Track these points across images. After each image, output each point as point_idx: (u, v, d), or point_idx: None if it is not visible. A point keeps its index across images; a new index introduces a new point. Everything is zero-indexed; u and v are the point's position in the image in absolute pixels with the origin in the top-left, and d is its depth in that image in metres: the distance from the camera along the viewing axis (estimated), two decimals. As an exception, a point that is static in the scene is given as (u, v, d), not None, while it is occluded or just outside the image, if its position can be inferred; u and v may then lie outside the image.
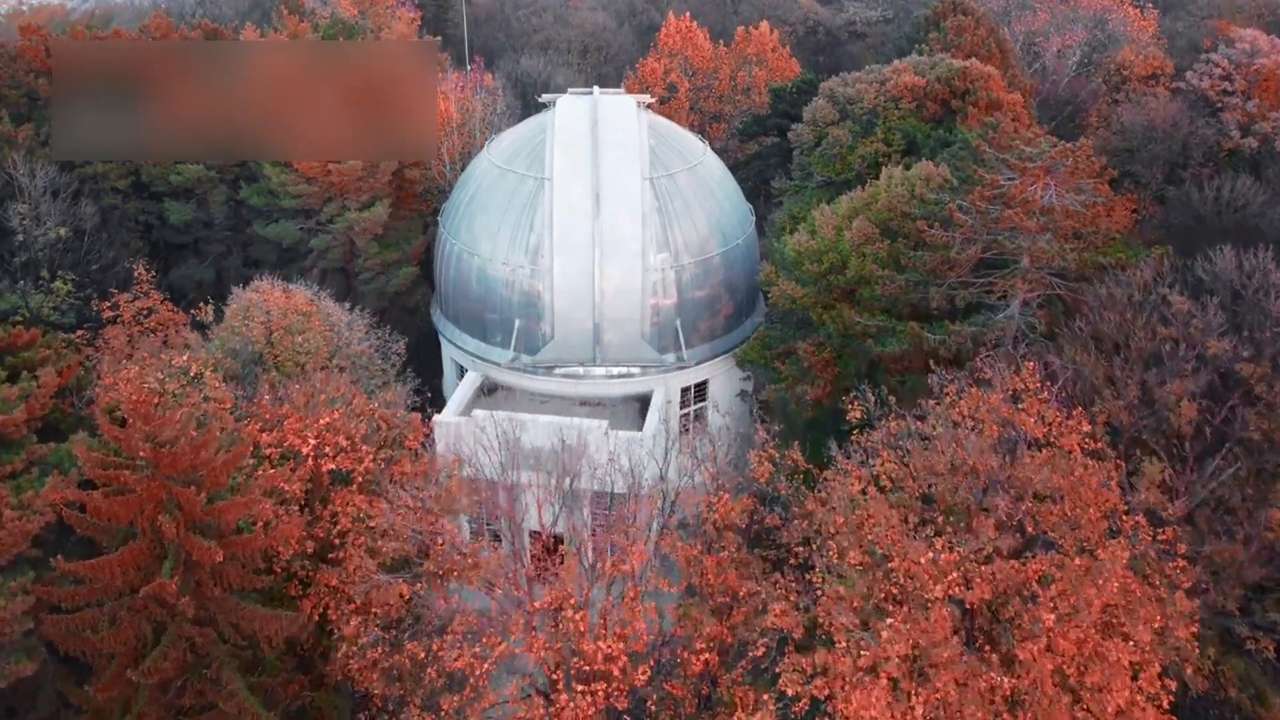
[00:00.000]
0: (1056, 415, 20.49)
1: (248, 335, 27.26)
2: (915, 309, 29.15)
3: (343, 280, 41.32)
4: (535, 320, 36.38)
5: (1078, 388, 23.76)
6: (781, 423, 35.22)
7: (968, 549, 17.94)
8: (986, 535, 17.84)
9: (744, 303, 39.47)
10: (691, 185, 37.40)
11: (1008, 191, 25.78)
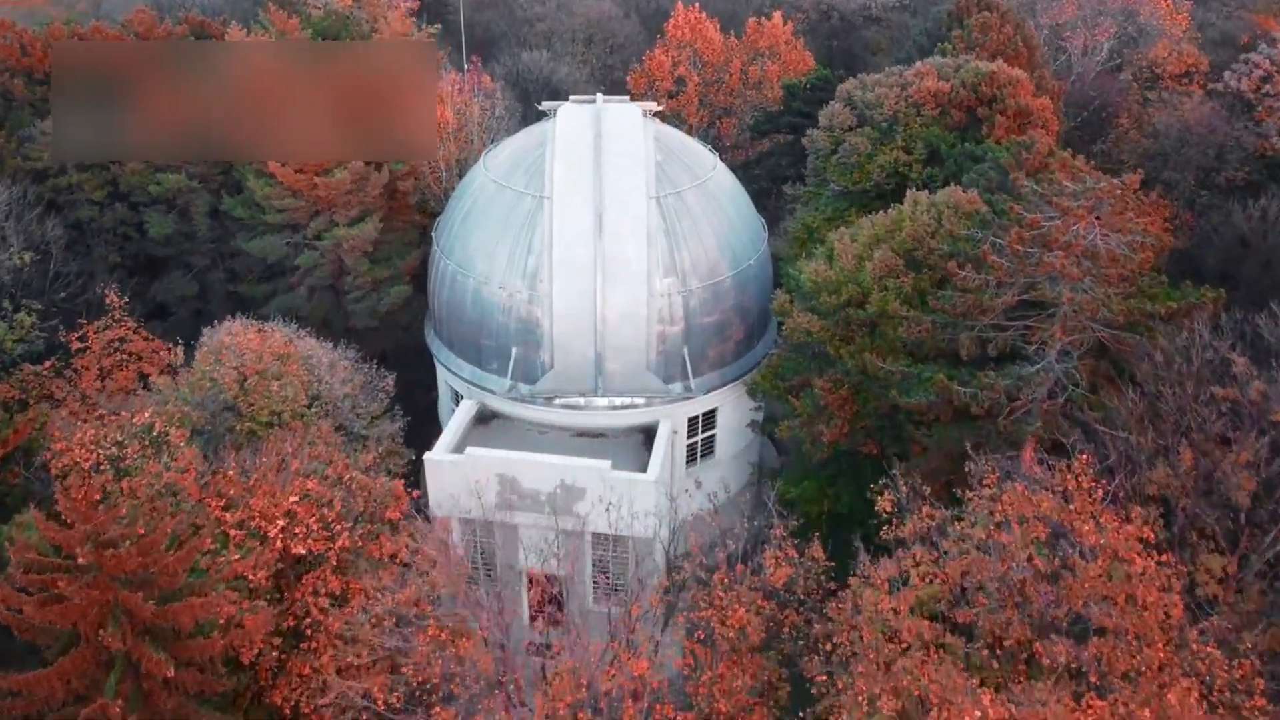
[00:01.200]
0: (1113, 519, 18.32)
1: (219, 381, 25.19)
2: (943, 353, 26.91)
3: (332, 297, 39.20)
4: (533, 348, 34.22)
5: (1126, 457, 21.60)
6: (795, 461, 33.27)
7: (1023, 711, 15.86)
8: (1042, 693, 15.73)
9: (756, 326, 37.25)
10: (700, 203, 35.07)
11: (1048, 233, 23.44)
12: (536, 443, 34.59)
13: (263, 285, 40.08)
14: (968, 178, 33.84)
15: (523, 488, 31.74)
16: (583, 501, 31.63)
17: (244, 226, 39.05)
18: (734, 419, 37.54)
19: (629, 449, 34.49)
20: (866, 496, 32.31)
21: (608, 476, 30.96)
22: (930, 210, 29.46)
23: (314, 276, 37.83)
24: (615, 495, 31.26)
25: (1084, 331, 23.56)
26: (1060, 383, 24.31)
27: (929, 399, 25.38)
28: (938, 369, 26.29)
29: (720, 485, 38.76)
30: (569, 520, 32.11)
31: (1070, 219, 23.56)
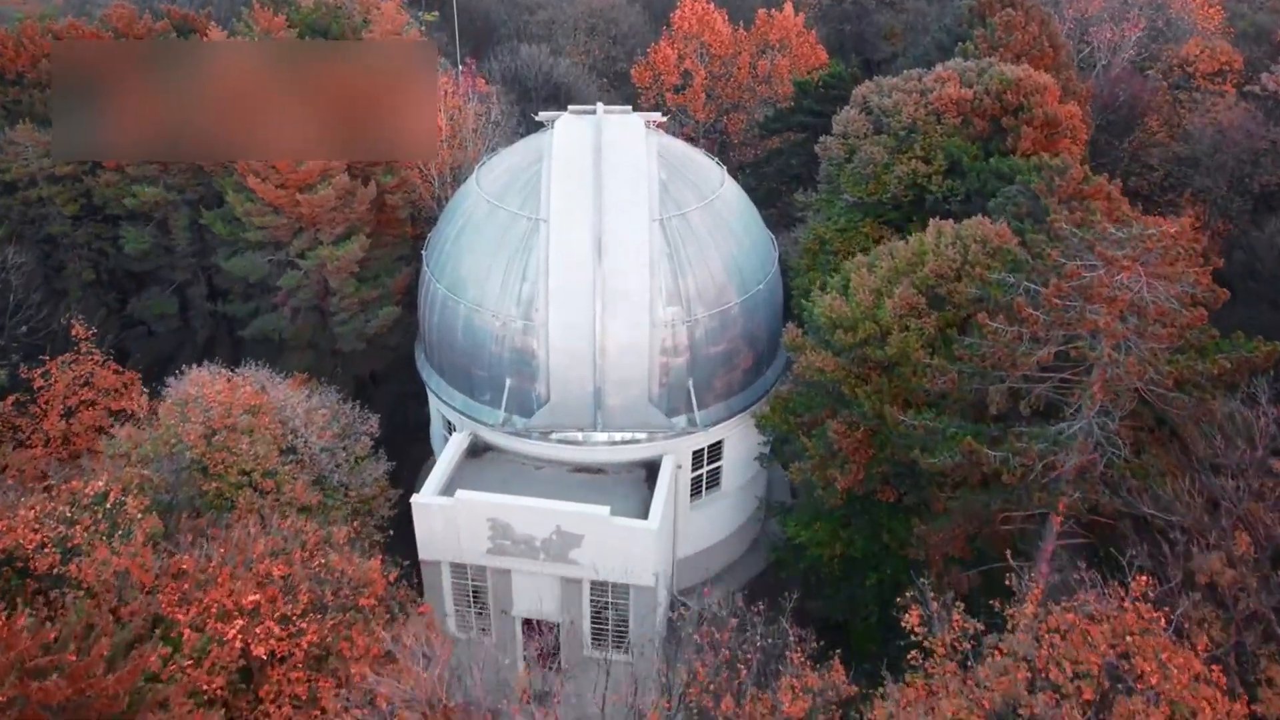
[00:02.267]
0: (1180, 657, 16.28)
1: (184, 437, 23.20)
2: (969, 405, 24.79)
3: (317, 318, 37.14)
4: (529, 380, 32.18)
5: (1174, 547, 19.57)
6: (805, 499, 31.27)
7: None
8: None
9: (765, 352, 35.14)
10: (707, 224, 32.84)
11: (1089, 284, 21.24)
12: (532, 478, 32.68)
13: (245, 303, 38.03)
14: (995, 202, 31.56)
15: (516, 533, 29.85)
16: (580, 549, 29.75)
17: (224, 242, 36.91)
18: (741, 450, 35.54)
19: (630, 486, 32.53)
20: (883, 540, 30.62)
21: (607, 524, 29.01)
22: (955, 244, 27.22)
23: (297, 298, 35.75)
24: (615, 543, 29.40)
25: (1127, 391, 21.40)
26: (1100, 445, 22.21)
27: (954, 460, 23.29)
28: (963, 425, 24.18)
29: (727, 518, 36.97)
30: (565, 568, 30.28)
31: (1114, 268, 21.34)
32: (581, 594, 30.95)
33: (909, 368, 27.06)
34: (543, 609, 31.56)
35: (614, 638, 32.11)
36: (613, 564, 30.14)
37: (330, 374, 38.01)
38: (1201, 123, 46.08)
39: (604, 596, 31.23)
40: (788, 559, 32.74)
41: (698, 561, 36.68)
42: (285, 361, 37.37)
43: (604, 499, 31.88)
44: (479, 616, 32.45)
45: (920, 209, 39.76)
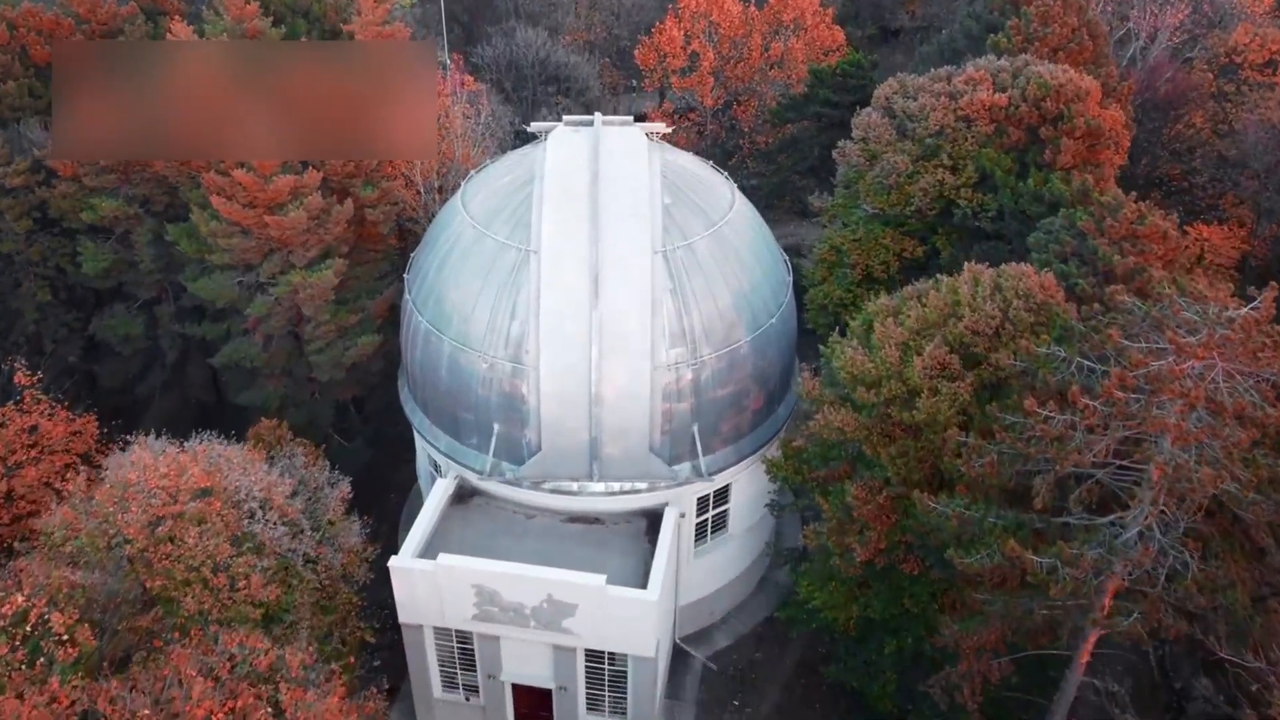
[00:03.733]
0: None
1: (123, 529, 20.59)
2: (1010, 493, 22.02)
3: (292, 343, 34.33)
4: (518, 426, 29.44)
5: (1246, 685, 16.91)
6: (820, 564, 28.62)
7: None
8: None
9: (778, 388, 32.31)
10: (714, 254, 29.81)
11: (1158, 374, 18.34)
12: (523, 529, 30.13)
13: (216, 324, 35.20)
14: (1035, 237, 28.48)
15: (504, 600, 27.34)
16: (574, 618, 27.25)
17: (191, 260, 33.97)
18: (750, 492, 32.90)
19: (629, 540, 29.96)
20: (904, 604, 28.06)
21: (602, 594, 26.46)
22: (995, 297, 24.21)
23: (268, 325, 32.91)
24: (612, 613, 26.90)
25: (1197, 501, 18.61)
26: (1163, 551, 19.44)
27: (993, 561, 20.58)
28: (1003, 515, 21.42)
29: (733, 561, 34.47)
30: (559, 636, 27.83)
31: (1186, 356, 18.41)
32: (576, 661, 28.54)
33: (938, 435, 24.29)
34: (534, 675, 29.20)
35: (611, 705, 29.78)
36: (610, 634, 27.72)
37: (308, 401, 35.39)
38: (1250, 119, 42.56)
39: (601, 663, 28.83)
40: (799, 618, 30.24)
41: (702, 606, 34.27)
42: (259, 388, 34.76)
43: (601, 553, 29.42)
44: (466, 679, 30.10)
45: (947, 222, 36.70)
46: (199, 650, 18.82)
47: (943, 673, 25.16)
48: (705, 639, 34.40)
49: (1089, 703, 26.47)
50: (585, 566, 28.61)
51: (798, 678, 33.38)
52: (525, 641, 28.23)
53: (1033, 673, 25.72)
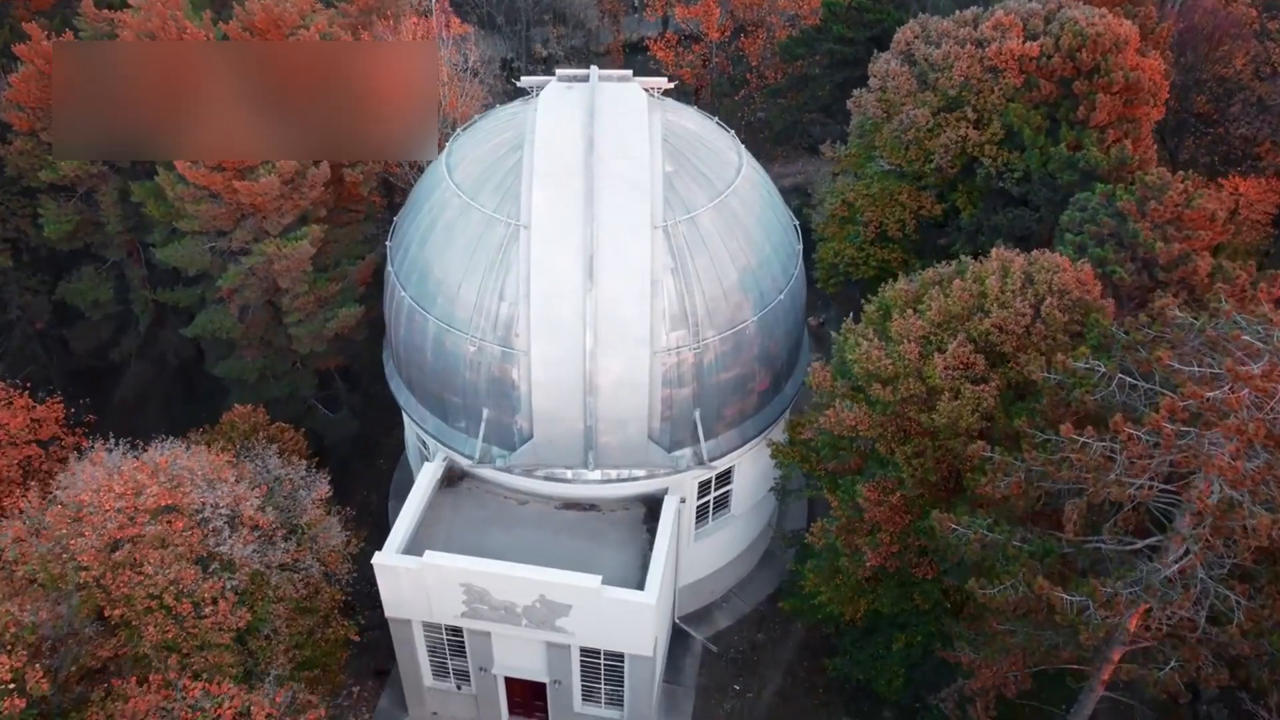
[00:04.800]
0: None
1: (76, 555, 18.99)
2: (1039, 514, 20.35)
3: (270, 314, 32.32)
4: (509, 413, 27.69)
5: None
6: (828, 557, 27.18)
7: None
8: None
9: (784, 368, 30.43)
10: (719, 227, 27.58)
11: (1214, 405, 16.46)
12: (515, 516, 28.69)
13: (189, 290, 33.14)
14: (1069, 215, 26.18)
15: (494, 599, 26.02)
16: (568, 618, 25.96)
17: (159, 223, 31.72)
18: (754, 473, 31.35)
19: (627, 529, 28.52)
20: (914, 600, 26.75)
21: (597, 595, 25.09)
22: (1025, 293, 22.12)
23: (243, 296, 30.86)
24: (607, 613, 25.60)
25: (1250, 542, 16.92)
26: (1204, 591, 17.85)
27: (1017, 594, 19.02)
28: (1029, 539, 19.80)
29: (736, 539, 33.13)
30: (552, 634, 26.60)
31: (1244, 384, 16.51)
32: (570, 657, 27.38)
33: (959, 441, 22.54)
34: (527, 669, 28.09)
35: (608, 697, 28.76)
36: (605, 633, 26.49)
37: (289, 371, 33.58)
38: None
39: (597, 658, 27.68)
40: (802, 609, 29.00)
41: (703, 586, 33.07)
42: (237, 359, 32.92)
43: (596, 545, 28.02)
44: (457, 668, 29.03)
45: (968, 179, 34.27)
46: (159, 696, 17.43)
47: (955, 685, 23.94)
48: (706, 618, 33.29)
49: (1108, 712, 25.34)
50: (580, 559, 27.27)
51: (800, 660, 32.36)
52: (518, 638, 27.03)
53: (1050, 683, 24.50)
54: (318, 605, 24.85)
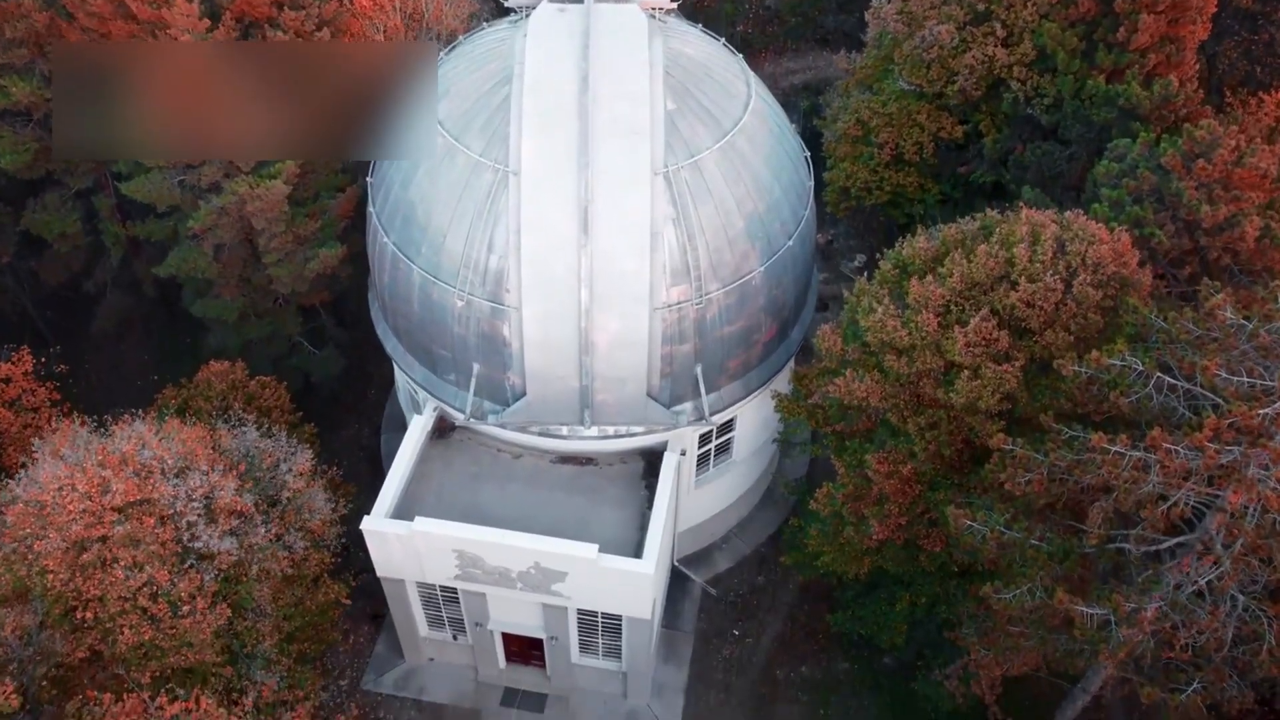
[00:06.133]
0: None
1: (42, 559, 17.93)
2: (1057, 508, 19.20)
3: (247, 252, 30.49)
4: (500, 369, 26.29)
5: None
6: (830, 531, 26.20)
7: None
8: None
9: (791, 315, 28.84)
10: (725, 170, 25.50)
11: (1263, 425, 15.07)
12: (509, 471, 27.70)
13: (161, 223, 31.20)
14: (1104, 166, 24.05)
15: (488, 565, 25.25)
16: (563, 584, 25.26)
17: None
18: (757, 419, 30.20)
19: (625, 485, 27.56)
20: (919, 562, 25.97)
21: (594, 563, 24.29)
22: (1056, 264, 20.34)
23: (216, 235, 28.97)
24: (604, 580, 24.88)
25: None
26: (1232, 608, 16.86)
27: (1034, 600, 18.05)
28: (1049, 539, 18.73)
29: (738, 482, 32.28)
30: (548, 598, 25.96)
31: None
32: (567, 616, 26.86)
33: (976, 418, 21.22)
34: (523, 625, 27.63)
35: (605, 650, 28.42)
36: (603, 598, 25.85)
37: (271, 309, 32.01)
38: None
39: (594, 617, 27.17)
40: (803, 564, 28.31)
41: (703, 530, 32.42)
42: (215, 299, 31.29)
43: (593, 502, 27.11)
44: (452, 619, 28.60)
45: (993, 101, 31.82)
46: (133, 717, 16.69)
47: (960, 662, 23.38)
48: (705, 560, 32.75)
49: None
50: (576, 518, 26.43)
51: (801, 605, 31.97)
52: (514, 598, 26.42)
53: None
54: (305, 572, 24.05)
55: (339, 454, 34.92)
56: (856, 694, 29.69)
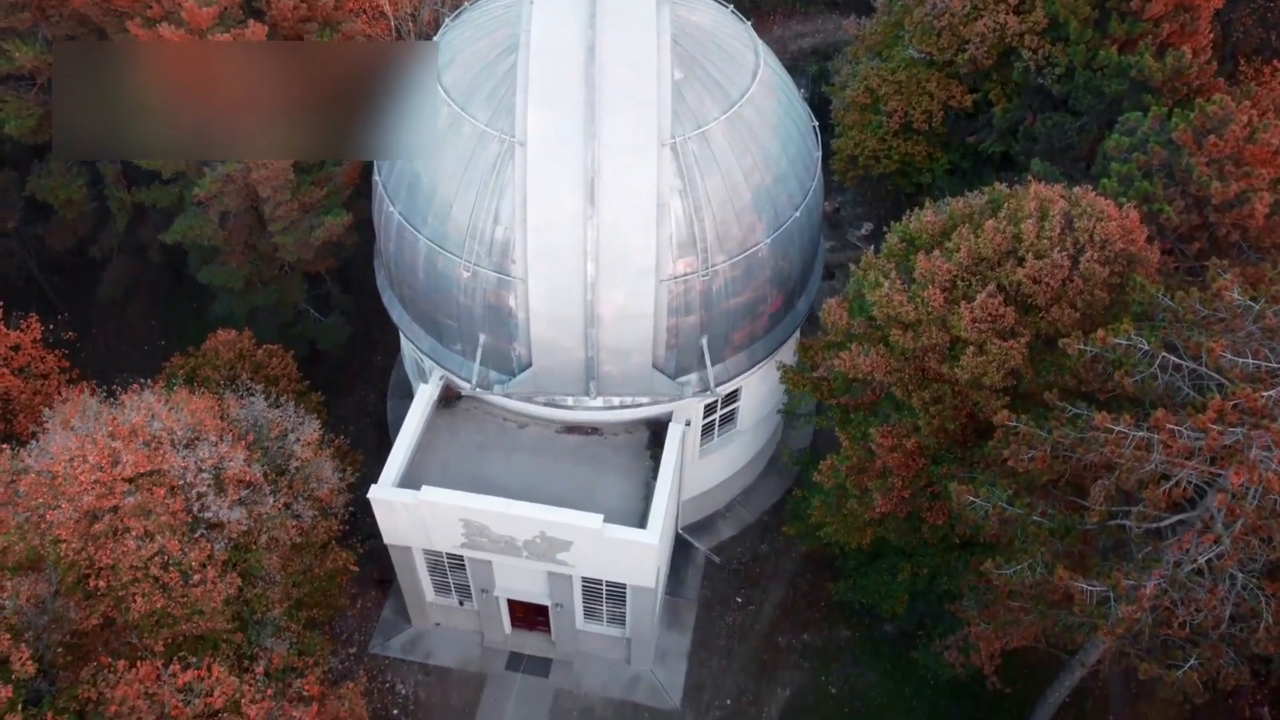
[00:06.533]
0: None
1: (55, 529, 18.15)
2: (1059, 484, 19.33)
3: (254, 217, 30.46)
4: (506, 340, 26.36)
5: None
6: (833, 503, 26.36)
7: None
8: None
9: (798, 285, 28.80)
10: (733, 143, 25.35)
11: (1266, 406, 15.13)
12: (514, 440, 27.89)
13: (166, 189, 31.15)
14: (1114, 140, 23.85)
15: (494, 534, 25.52)
16: (569, 553, 25.54)
17: (128, 120, 29.37)
18: (762, 389, 30.30)
19: (631, 454, 27.75)
20: (921, 534, 26.20)
21: (598, 533, 24.53)
22: (1063, 241, 20.27)
23: (222, 203, 28.92)
24: (609, 550, 25.15)
25: None
26: (1231, 583, 17.04)
27: (1034, 576, 18.25)
28: (1051, 515, 18.89)
29: (742, 451, 32.46)
30: (553, 566, 26.27)
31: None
32: (572, 584, 27.18)
33: (981, 394, 21.30)
34: (529, 592, 27.98)
35: (609, 617, 28.79)
36: (607, 567, 26.15)
37: (277, 277, 32.04)
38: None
39: (599, 585, 27.50)
40: (806, 534, 28.57)
41: (707, 498, 32.68)
42: (221, 265, 31.32)
43: (598, 472, 27.31)
44: (459, 585, 28.97)
45: (1004, 70, 31.53)
46: (145, 684, 16.99)
47: (960, 633, 23.66)
48: (709, 528, 33.06)
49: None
50: (581, 487, 26.66)
51: (803, 573, 32.30)
52: (519, 566, 26.73)
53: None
54: (314, 540, 24.34)
55: (345, 420, 35.19)
56: (857, 661, 30.09)
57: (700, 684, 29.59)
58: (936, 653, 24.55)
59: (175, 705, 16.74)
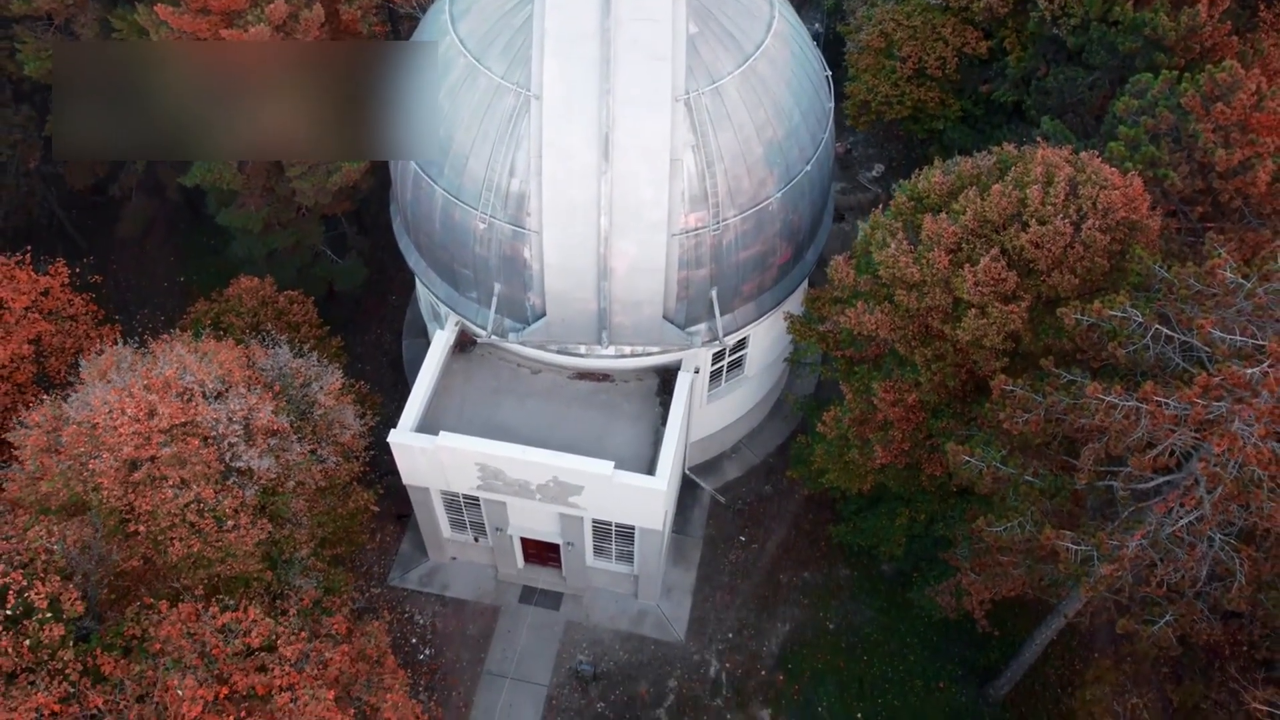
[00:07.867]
0: None
1: (97, 477, 19.14)
2: (1052, 448, 20.16)
3: (271, 162, 30.86)
4: (521, 289, 27.02)
5: None
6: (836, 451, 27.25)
7: None
8: None
9: (807, 238, 29.27)
10: (746, 98, 25.58)
11: (1250, 381, 15.84)
12: (528, 386, 28.78)
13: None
14: (1122, 102, 24.01)
15: (508, 478, 26.58)
16: (580, 497, 26.63)
17: (146, 64, 29.61)
18: (769, 337, 31.04)
19: (641, 401, 28.64)
20: (920, 482, 27.17)
21: (609, 480, 25.56)
22: (1066, 208, 20.71)
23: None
24: (619, 495, 26.21)
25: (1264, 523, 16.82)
26: (1209, 544, 17.97)
27: (1023, 534, 19.20)
28: (1042, 475, 19.77)
29: (748, 396, 33.34)
30: (565, 508, 27.40)
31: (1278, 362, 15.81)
32: (583, 524, 28.35)
33: (981, 354, 22.00)
34: (541, 531, 29.18)
35: (618, 554, 30.04)
36: (617, 510, 27.24)
37: (295, 219, 32.57)
38: None
39: (608, 526, 28.66)
40: (809, 478, 29.57)
41: (713, 440, 33.69)
42: (240, 208, 31.84)
43: (609, 417, 28.25)
44: (474, 522, 30.19)
45: (1020, 18, 31.41)
46: (187, 623, 18.19)
47: (952, 579, 24.79)
48: (715, 469, 34.14)
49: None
50: (593, 432, 27.61)
51: (805, 513, 33.44)
52: (532, 508, 27.87)
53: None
54: (337, 481, 25.41)
55: (362, 358, 36.12)
56: (855, 599, 31.40)
57: (704, 618, 30.99)
58: (930, 596, 25.72)
59: (216, 644, 17.96)
